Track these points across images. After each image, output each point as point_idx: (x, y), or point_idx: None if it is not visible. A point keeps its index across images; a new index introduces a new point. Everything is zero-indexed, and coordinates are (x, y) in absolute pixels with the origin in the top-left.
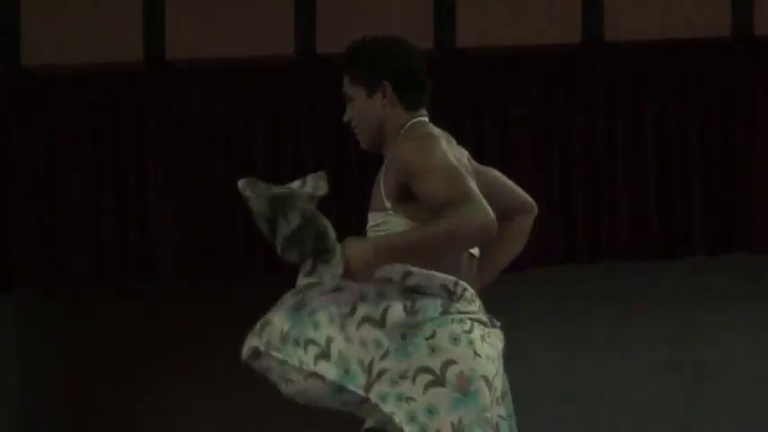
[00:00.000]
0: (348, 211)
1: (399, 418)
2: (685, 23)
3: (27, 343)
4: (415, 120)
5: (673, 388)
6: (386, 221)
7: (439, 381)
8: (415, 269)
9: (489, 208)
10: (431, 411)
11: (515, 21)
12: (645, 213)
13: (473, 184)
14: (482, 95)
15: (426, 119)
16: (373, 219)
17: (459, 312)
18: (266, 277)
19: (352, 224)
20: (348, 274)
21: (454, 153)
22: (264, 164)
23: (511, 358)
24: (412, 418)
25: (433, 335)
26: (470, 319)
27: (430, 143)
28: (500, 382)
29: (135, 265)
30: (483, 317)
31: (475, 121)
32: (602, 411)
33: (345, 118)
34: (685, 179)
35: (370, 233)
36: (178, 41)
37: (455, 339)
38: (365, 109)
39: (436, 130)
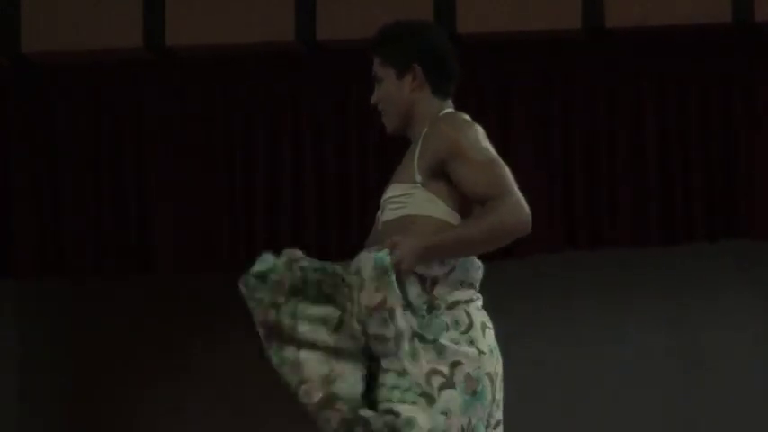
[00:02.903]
0: (348, 197)
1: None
2: (685, 10)
3: (27, 331)
4: (449, 110)
5: (672, 374)
6: (411, 194)
7: (449, 383)
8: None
9: (525, 203)
10: (444, 413)
11: (515, 7)
12: (645, 199)
13: (512, 179)
14: (482, 81)
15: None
16: (397, 190)
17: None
18: None
19: (352, 210)
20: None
21: None
22: (265, 150)
23: (510, 344)
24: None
25: (437, 337)
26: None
27: (477, 131)
28: (500, 366)
29: (135, 253)
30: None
31: (475, 106)
32: (600, 397)
33: (373, 99)
34: (686, 166)
35: (388, 204)
36: (178, 28)
37: (457, 343)
38: (394, 91)
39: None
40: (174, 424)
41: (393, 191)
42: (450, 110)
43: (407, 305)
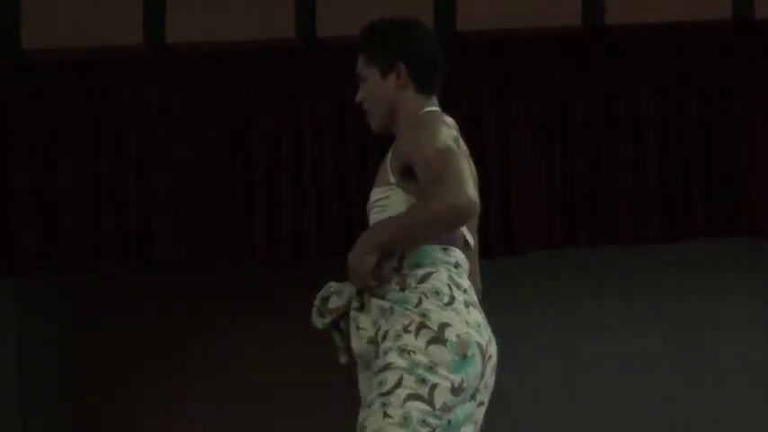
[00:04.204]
0: (348, 195)
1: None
2: (685, 7)
3: (27, 331)
4: (429, 109)
5: (672, 372)
6: (388, 196)
7: (440, 339)
8: None
9: (469, 188)
10: (431, 368)
11: (515, 5)
12: (645, 197)
13: (460, 165)
14: (482, 78)
15: (438, 109)
16: (377, 194)
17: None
18: (265, 268)
19: (352, 206)
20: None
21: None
22: (264, 148)
23: (510, 342)
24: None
25: (419, 302)
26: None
27: (431, 128)
28: (493, 349)
29: (135, 253)
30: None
31: (474, 104)
32: (600, 396)
33: (358, 98)
34: (686, 162)
35: (372, 208)
36: (178, 25)
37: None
38: (378, 90)
39: (447, 120)
40: (174, 423)
41: (373, 195)
42: (430, 109)
43: (378, 294)
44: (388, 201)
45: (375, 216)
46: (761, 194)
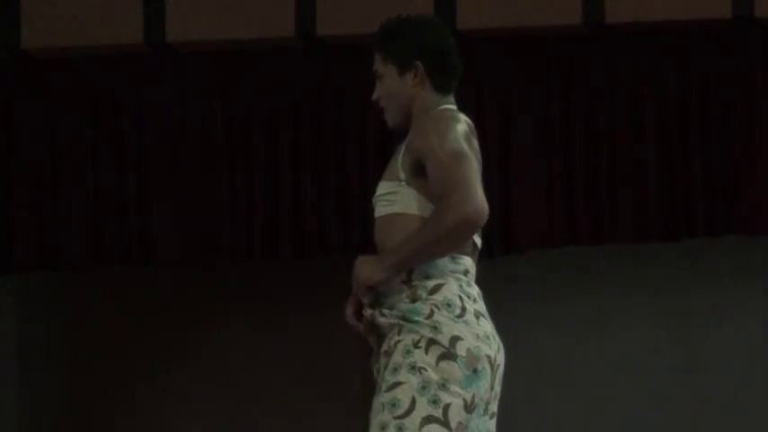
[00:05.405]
0: (348, 193)
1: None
2: (686, 6)
3: (27, 327)
4: (444, 106)
5: (673, 371)
6: (397, 192)
7: (450, 354)
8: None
9: (478, 196)
10: (443, 386)
11: (515, 3)
12: (646, 195)
13: (470, 171)
14: (482, 78)
15: (455, 107)
16: (384, 188)
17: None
18: (265, 264)
19: (352, 206)
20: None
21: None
22: (264, 147)
23: (510, 340)
24: (424, 388)
25: (431, 314)
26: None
27: (446, 127)
28: (501, 357)
29: (135, 249)
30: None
31: (475, 103)
32: (599, 393)
33: (375, 95)
34: (686, 161)
35: (378, 201)
36: (178, 24)
37: (454, 318)
38: (395, 88)
39: (462, 118)
40: (173, 423)
41: (381, 189)
42: (447, 106)
43: (387, 306)
44: (396, 197)
45: (381, 210)
46: (761, 194)
